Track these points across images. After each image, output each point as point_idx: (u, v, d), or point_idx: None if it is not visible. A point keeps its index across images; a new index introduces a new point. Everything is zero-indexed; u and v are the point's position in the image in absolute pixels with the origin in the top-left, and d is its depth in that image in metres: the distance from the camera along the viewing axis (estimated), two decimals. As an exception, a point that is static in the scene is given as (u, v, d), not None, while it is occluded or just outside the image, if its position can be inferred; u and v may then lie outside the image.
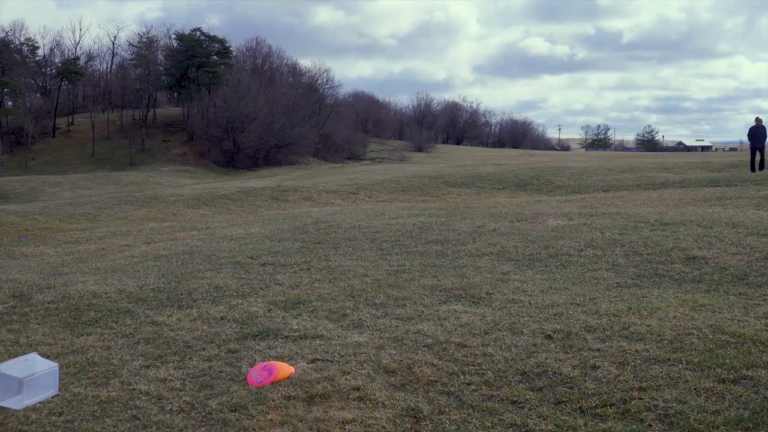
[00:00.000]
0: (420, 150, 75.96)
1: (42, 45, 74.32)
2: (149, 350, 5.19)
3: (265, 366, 4.49)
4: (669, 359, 4.35)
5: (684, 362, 4.28)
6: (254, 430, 3.69)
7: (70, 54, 72.02)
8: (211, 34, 70.13)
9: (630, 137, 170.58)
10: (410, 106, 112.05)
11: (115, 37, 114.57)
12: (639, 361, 4.34)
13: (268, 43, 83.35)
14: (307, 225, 12.73)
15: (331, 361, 4.68)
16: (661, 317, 5.26)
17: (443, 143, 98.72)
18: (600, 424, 3.54)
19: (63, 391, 4.39)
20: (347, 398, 4.04)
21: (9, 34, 67.01)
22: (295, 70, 79.38)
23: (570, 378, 4.14)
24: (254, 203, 23.24)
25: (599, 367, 4.29)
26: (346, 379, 4.33)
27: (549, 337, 4.96)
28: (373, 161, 62.45)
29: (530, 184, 25.26)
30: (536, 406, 3.80)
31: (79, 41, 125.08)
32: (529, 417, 3.66)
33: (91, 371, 4.74)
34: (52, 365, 4.43)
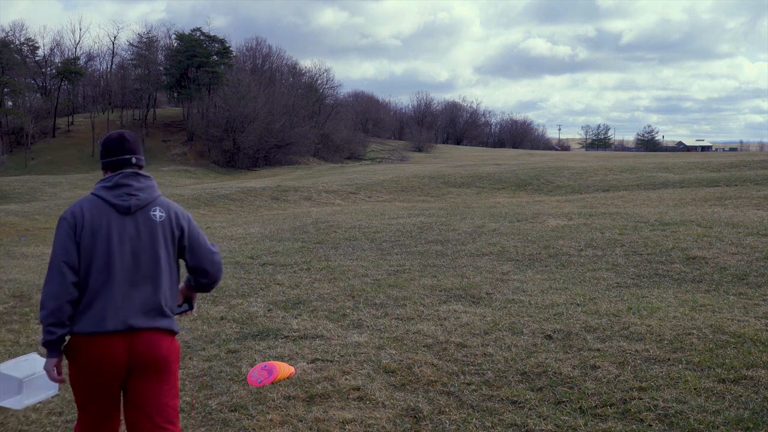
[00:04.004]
0: (420, 150, 75.89)
1: (42, 45, 74.37)
2: (149, 350, 5.18)
3: (265, 366, 4.49)
4: (669, 359, 4.35)
5: (684, 362, 4.28)
6: (254, 430, 3.68)
7: (70, 54, 71.97)
8: (211, 34, 70.13)
9: (630, 137, 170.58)
10: (410, 106, 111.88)
11: (115, 37, 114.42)
12: (639, 361, 4.34)
13: (268, 43, 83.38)
14: (307, 225, 12.73)
15: (331, 361, 4.68)
16: (661, 317, 5.26)
17: (443, 143, 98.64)
18: (600, 424, 3.54)
19: (63, 391, 4.38)
20: (347, 398, 4.04)
21: (9, 34, 66.99)
22: (295, 70, 79.34)
23: (570, 378, 4.14)
24: (254, 203, 23.24)
25: (599, 367, 4.29)
26: (346, 379, 4.33)
27: (549, 337, 4.96)
28: (373, 161, 62.40)
29: (530, 184, 25.25)
30: (536, 406, 3.80)
31: (79, 41, 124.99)
32: (529, 417, 3.66)
33: (91, 371, 4.73)
34: (52, 365, 4.44)
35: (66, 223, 2.62)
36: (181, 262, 2.86)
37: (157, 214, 2.71)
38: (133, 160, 2.76)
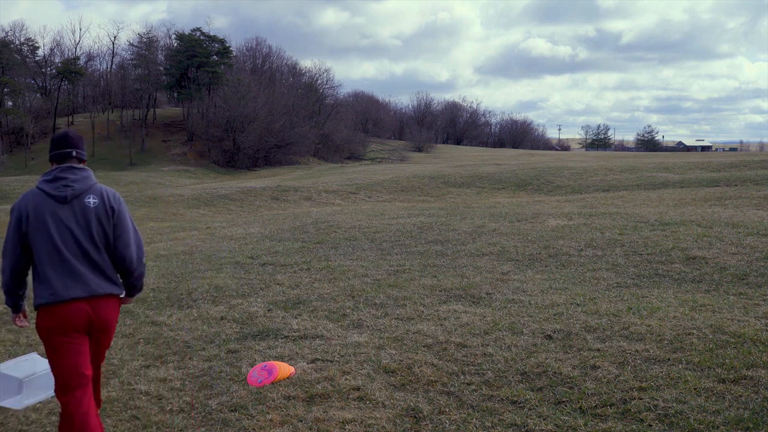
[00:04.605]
0: (420, 150, 75.91)
1: (42, 45, 74.42)
2: (149, 350, 5.19)
3: (265, 366, 4.49)
4: (669, 359, 4.35)
5: (684, 362, 4.28)
6: (254, 430, 3.68)
7: (70, 54, 71.95)
8: (211, 34, 70.14)
9: (630, 137, 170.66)
10: (410, 106, 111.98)
11: (115, 37, 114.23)
12: (639, 361, 4.34)
13: (268, 43, 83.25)
14: (307, 225, 12.73)
15: (331, 361, 4.68)
16: (661, 317, 5.26)
17: (443, 143, 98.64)
18: (600, 424, 3.54)
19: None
20: (347, 398, 4.04)
21: (9, 34, 66.96)
22: (295, 70, 79.39)
23: (570, 378, 4.14)
24: (254, 203, 23.24)
25: (599, 367, 4.28)
26: (346, 379, 4.33)
27: (549, 337, 4.96)
28: (373, 161, 62.40)
29: (530, 184, 25.26)
30: (536, 406, 3.80)
31: (79, 41, 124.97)
32: (529, 417, 3.66)
33: (91, 371, 4.74)
34: (52, 365, 4.44)
35: (14, 214, 3.23)
36: None
37: (91, 201, 3.25)
38: (74, 153, 3.32)
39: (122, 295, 3.41)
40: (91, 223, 3.22)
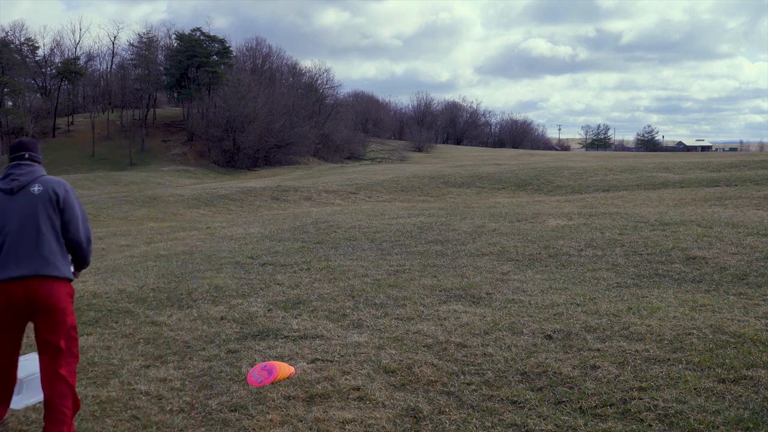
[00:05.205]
0: (420, 150, 75.87)
1: (42, 45, 74.34)
2: (149, 350, 5.19)
3: (265, 366, 4.49)
4: (669, 359, 4.35)
5: (684, 362, 4.28)
6: (254, 430, 3.68)
7: (70, 54, 71.90)
8: (211, 34, 70.12)
9: (630, 137, 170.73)
10: (410, 106, 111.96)
11: (115, 37, 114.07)
12: (639, 361, 4.34)
13: (268, 43, 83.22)
14: (307, 225, 12.73)
15: (331, 361, 4.68)
16: (661, 317, 5.26)
17: (443, 143, 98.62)
18: (600, 424, 3.54)
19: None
20: (347, 398, 4.04)
21: (9, 34, 66.91)
22: (295, 70, 79.36)
23: (570, 378, 4.14)
24: (254, 203, 23.24)
25: (599, 367, 4.28)
26: (346, 379, 4.33)
27: (549, 337, 4.96)
28: (373, 161, 62.38)
29: (530, 184, 25.25)
30: (536, 406, 3.80)
31: (79, 41, 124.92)
32: (529, 417, 3.66)
33: (91, 371, 4.74)
34: (52, 365, 4.44)
35: None
36: None
37: (35, 189, 3.64)
38: (26, 156, 3.79)
39: (72, 278, 3.69)
40: (37, 209, 3.60)
